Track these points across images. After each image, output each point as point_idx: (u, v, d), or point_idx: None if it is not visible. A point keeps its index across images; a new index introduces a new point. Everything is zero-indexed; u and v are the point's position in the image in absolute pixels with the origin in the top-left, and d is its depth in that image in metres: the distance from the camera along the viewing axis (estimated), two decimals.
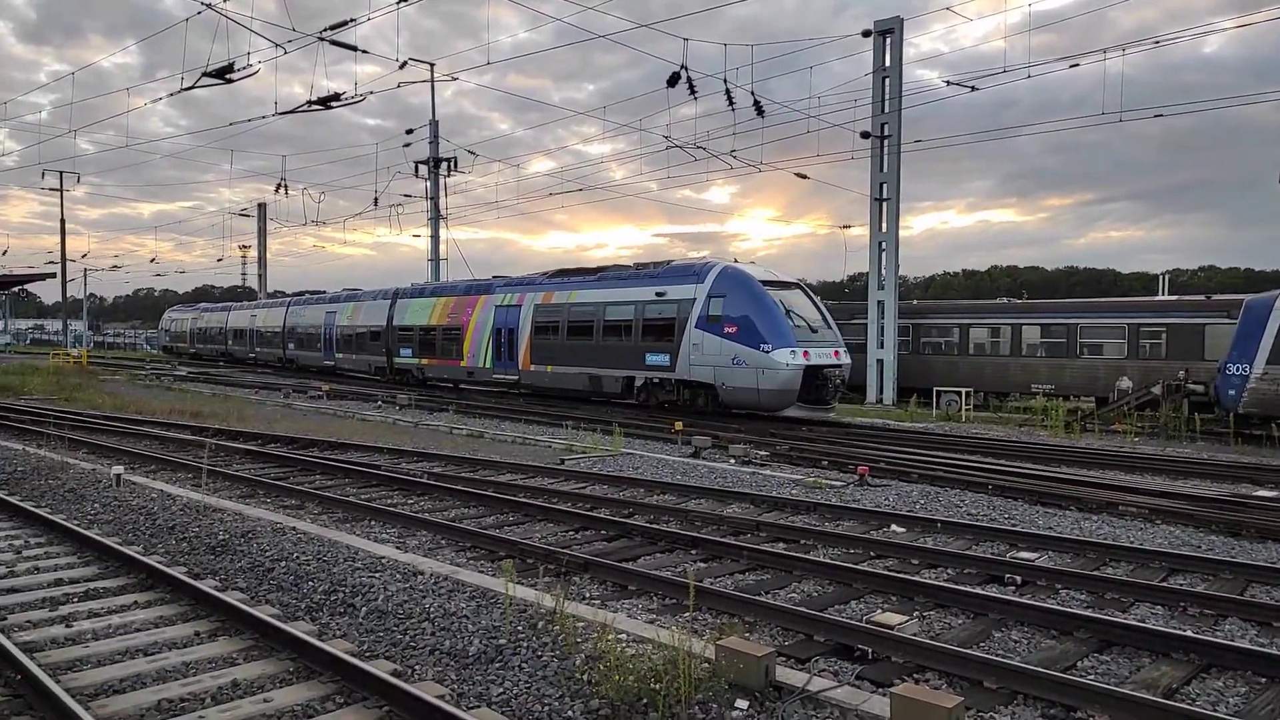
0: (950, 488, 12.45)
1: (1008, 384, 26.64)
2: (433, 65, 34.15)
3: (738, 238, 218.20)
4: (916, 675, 5.49)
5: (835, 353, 21.16)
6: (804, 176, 28.66)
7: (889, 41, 26.94)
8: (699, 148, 25.93)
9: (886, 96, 27.03)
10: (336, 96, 18.39)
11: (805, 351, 20.24)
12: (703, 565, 8.19)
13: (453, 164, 38.27)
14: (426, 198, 38.93)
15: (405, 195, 40.89)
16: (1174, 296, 31.77)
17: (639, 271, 24.19)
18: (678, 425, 18.01)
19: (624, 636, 5.61)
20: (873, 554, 8.64)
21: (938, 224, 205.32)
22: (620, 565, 7.71)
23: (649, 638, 5.60)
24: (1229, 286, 63.69)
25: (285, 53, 16.31)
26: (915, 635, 6.05)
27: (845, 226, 53.08)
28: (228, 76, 16.09)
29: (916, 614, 6.77)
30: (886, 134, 27.17)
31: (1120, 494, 11.65)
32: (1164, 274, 41.51)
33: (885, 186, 27.59)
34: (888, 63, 27.02)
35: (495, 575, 7.20)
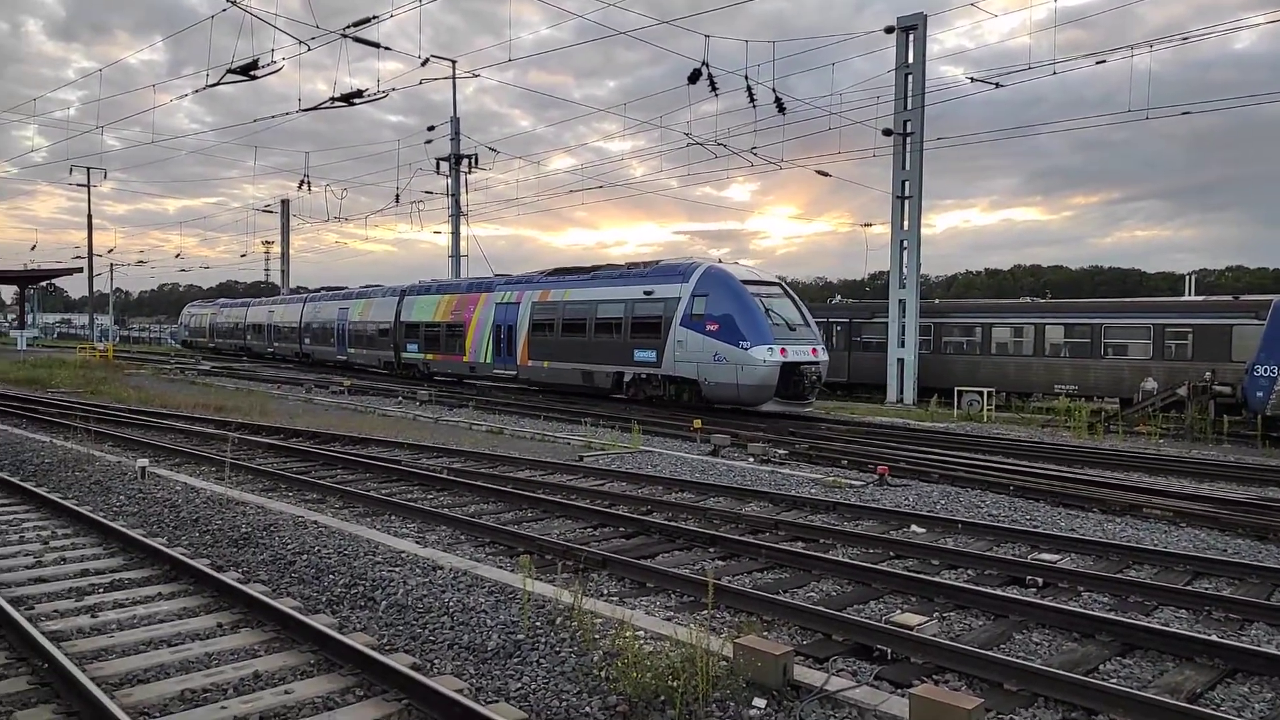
0: (971, 488, 12.36)
1: (1030, 384, 26.40)
2: (454, 62, 34.35)
3: (758, 235, 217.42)
4: (936, 676, 5.46)
5: (813, 350, 21.83)
6: (825, 174, 28.57)
7: (912, 38, 26.75)
8: (720, 145, 25.87)
9: (909, 93, 26.84)
10: (359, 93, 18.52)
11: (783, 349, 20.99)
12: (721, 563, 8.18)
13: (474, 161, 38.43)
14: (447, 194, 39.13)
15: (426, 192, 41.09)
16: (1201, 297, 31.35)
17: (629, 271, 24.93)
18: (697, 423, 18.00)
19: (642, 633, 5.62)
20: (892, 554, 8.60)
21: (960, 222, 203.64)
22: (638, 562, 7.72)
23: (667, 635, 5.60)
24: (1257, 287, 62.74)
25: (309, 49, 16.44)
26: (935, 636, 6.01)
27: (867, 224, 52.85)
28: (252, 73, 16.25)
29: (936, 615, 6.73)
30: (909, 131, 26.98)
31: (1144, 496, 11.51)
32: (1190, 274, 41.02)
33: (907, 184, 27.41)
34: (910, 59, 26.83)
35: (514, 571, 7.23)
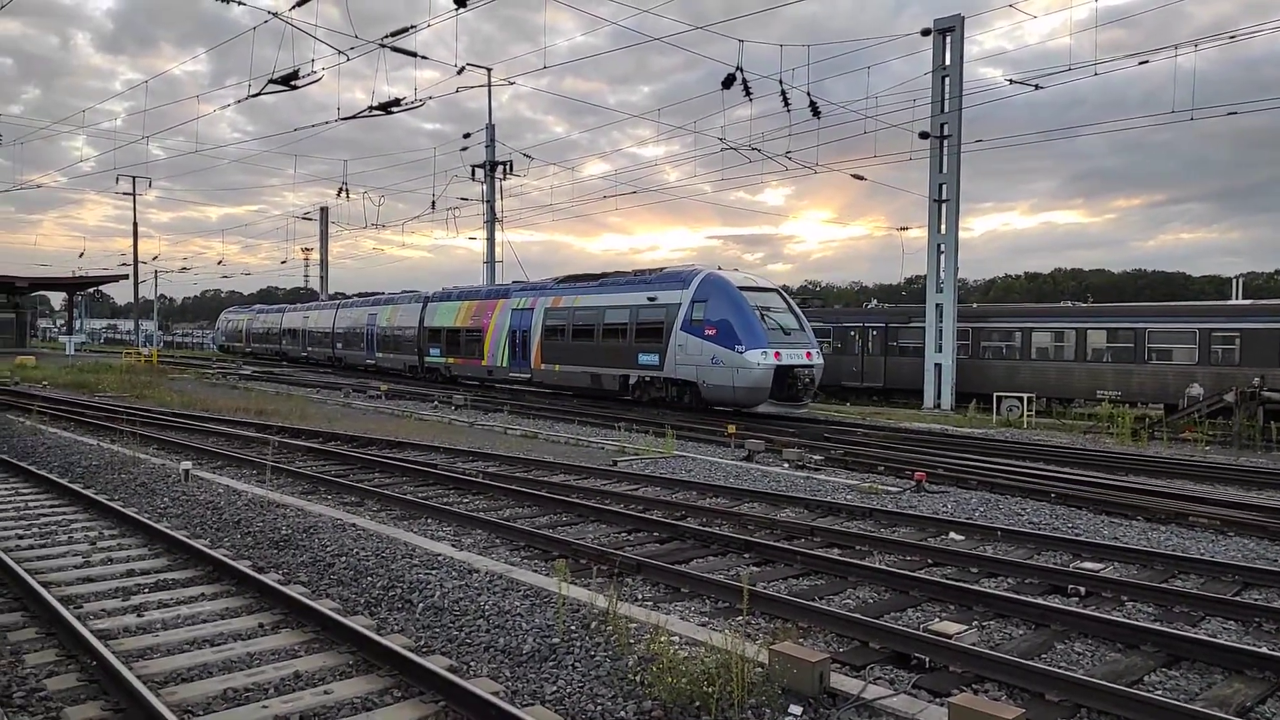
0: (1011, 495, 12.18)
1: (1072, 390, 25.96)
2: (490, 70, 34.63)
3: (792, 239, 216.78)
4: (975, 686, 5.39)
5: (807, 354, 22.53)
6: (861, 178, 28.35)
7: (949, 40, 26.49)
8: (753, 149, 25.82)
9: (946, 96, 26.58)
10: (397, 102, 18.77)
11: (777, 352, 21.75)
12: (756, 569, 8.14)
13: (509, 167, 38.72)
14: (483, 200, 39.46)
15: (462, 198, 41.48)
16: (1249, 300, 30.61)
17: (635, 278, 25.86)
18: (731, 429, 17.95)
19: (677, 639, 5.62)
20: (930, 561, 8.50)
21: (999, 225, 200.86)
22: (673, 567, 7.72)
23: (702, 640, 5.59)
24: None
25: (348, 59, 16.71)
26: (974, 645, 5.93)
27: (903, 228, 52.27)
28: (293, 83, 16.54)
29: (975, 623, 6.65)
30: (946, 134, 26.71)
31: (1190, 504, 11.26)
32: (1238, 277, 40.03)
33: (945, 187, 27.13)
34: (948, 61, 26.57)
35: (549, 574, 7.27)
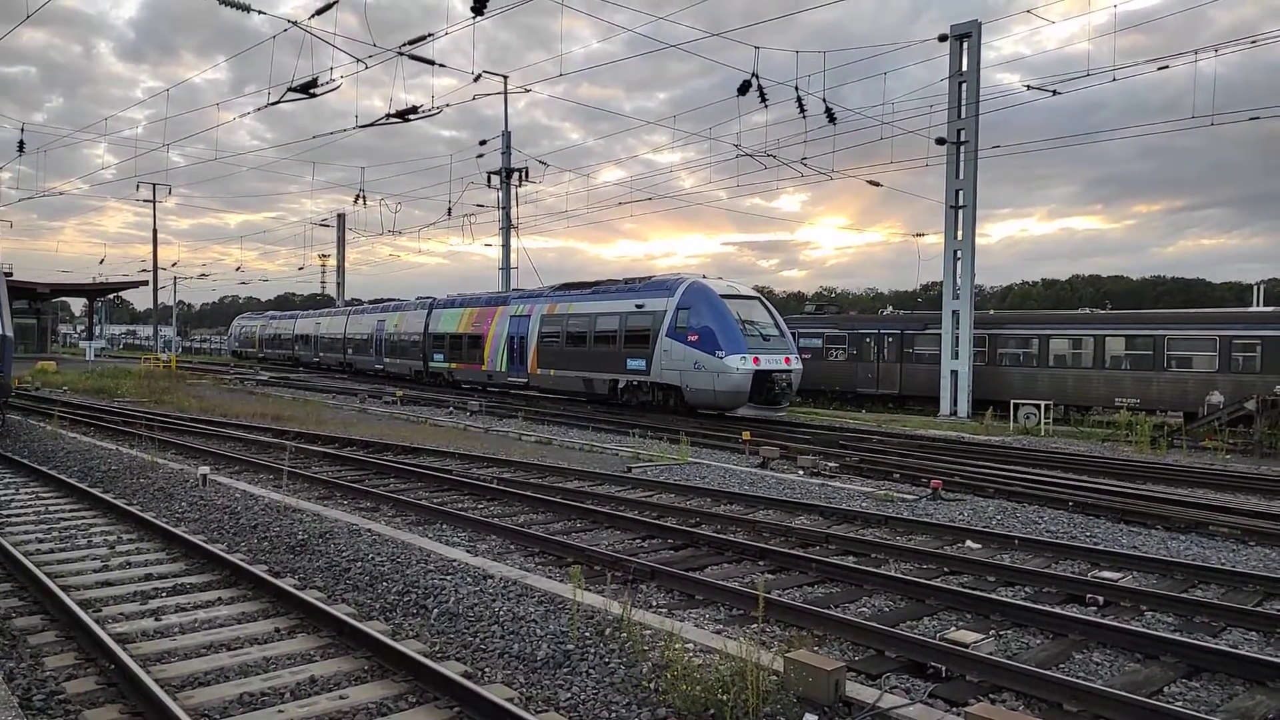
0: (1028, 503, 12.10)
1: (1090, 397, 25.76)
2: (506, 78, 34.92)
3: (808, 246, 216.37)
4: (992, 695, 5.35)
5: (786, 359, 23.59)
6: (876, 184, 28.27)
7: (966, 46, 26.40)
8: (769, 155, 25.79)
9: (963, 101, 26.48)
10: (414, 109, 18.88)
11: (756, 358, 22.74)
12: (771, 577, 8.12)
13: (524, 174, 38.86)
14: (498, 207, 39.63)
15: (478, 205, 41.58)
16: (1270, 308, 30.30)
17: (625, 286, 26.98)
18: (746, 435, 17.93)
19: (691, 646, 5.61)
20: (947, 570, 8.45)
21: (1017, 231, 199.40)
22: (687, 574, 7.71)
23: (716, 648, 5.58)
24: None
25: (366, 67, 16.82)
26: (991, 654, 5.89)
27: (919, 235, 51.99)
28: (311, 91, 16.67)
29: (993, 633, 6.60)
30: (963, 140, 26.61)
31: (1211, 513, 11.14)
32: (1259, 284, 39.48)
33: (961, 193, 27.02)
34: (965, 67, 26.48)
35: (563, 581, 7.27)
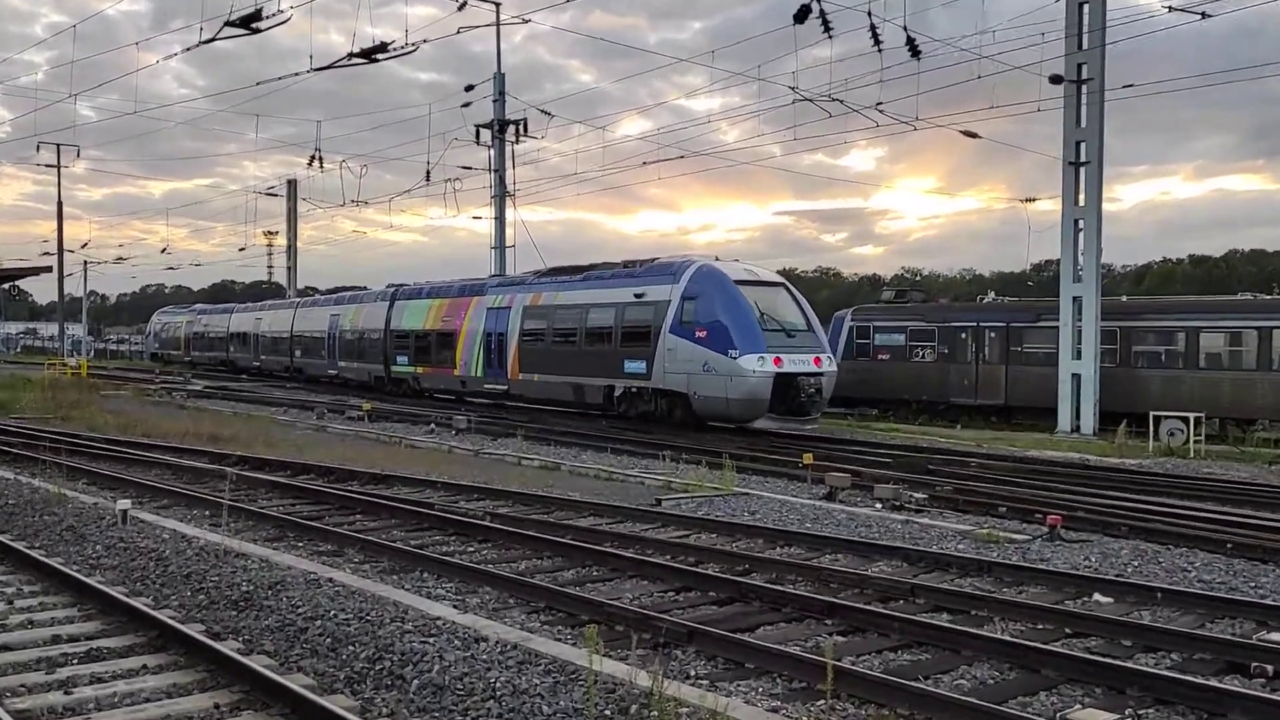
0: (1173, 545, 11.95)
1: (1254, 408, 25.40)
2: (499, 4, 34.96)
3: (885, 215, 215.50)
4: None
5: (815, 360, 23.96)
6: (973, 135, 28.13)
7: None
8: (835, 100, 25.74)
9: (1085, 29, 26.24)
10: (383, 47, 19.04)
11: (777, 358, 23.00)
12: (841, 639, 8.09)
13: (522, 127, 39.00)
14: (489, 170, 39.82)
15: (464, 167, 41.76)
16: None
17: (622, 271, 27.72)
18: (807, 458, 17.86)
19: None
20: (1068, 630, 8.38)
21: (1156, 195, 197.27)
22: (734, 636, 7.70)
23: None
24: None
25: None
26: None
27: (1028, 199, 51.32)
28: (254, 25, 16.87)
29: (1129, 711, 6.54)
30: (1085, 77, 26.37)
31: None
32: None
33: (1083, 146, 26.78)
34: None
35: (576, 645, 7.28)
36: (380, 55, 19.10)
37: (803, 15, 19.69)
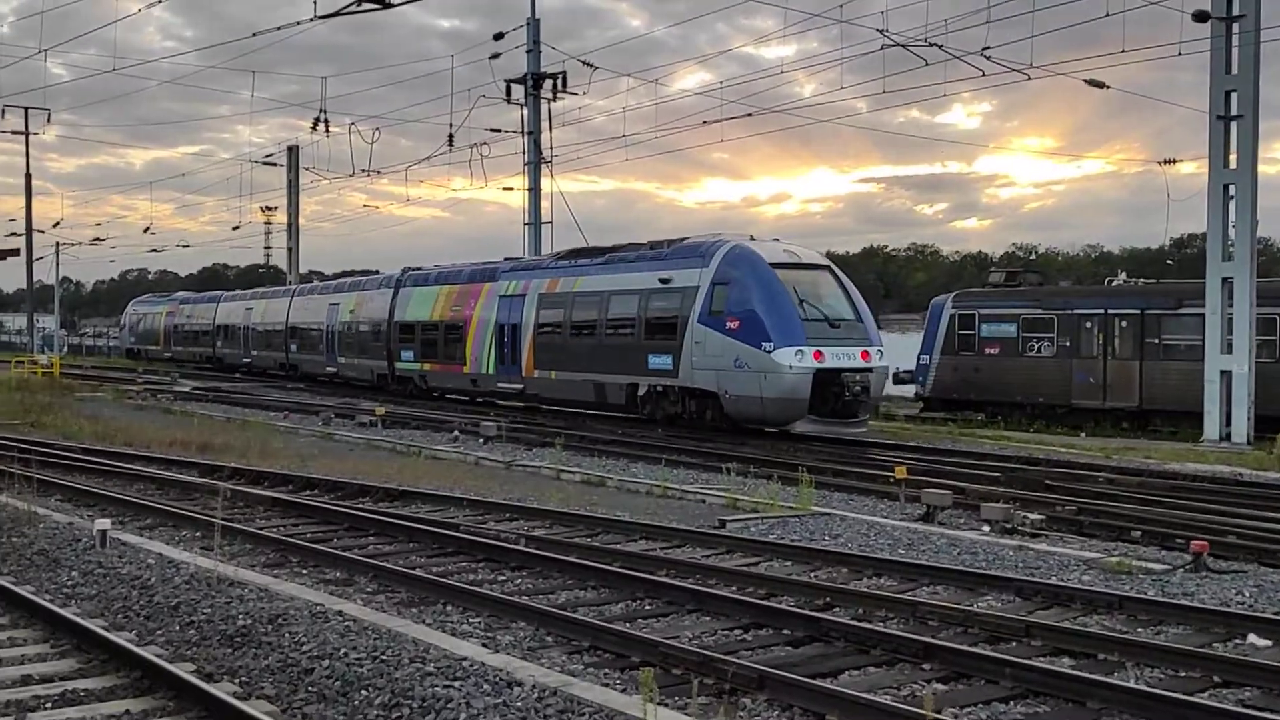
0: None
1: None
2: None
3: (993, 181, 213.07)
4: None
5: (863, 354, 24.44)
6: (1100, 85, 27.76)
7: None
8: (932, 45, 25.55)
9: None
10: None
11: (817, 352, 23.45)
12: (941, 687, 8.05)
13: (560, 82, 39.16)
14: (522, 133, 40.02)
15: (492, 130, 41.87)
16: None
17: (649, 253, 28.53)
18: (900, 472, 17.76)
19: None
20: (1216, 679, 8.25)
21: None
22: (813, 683, 7.68)
23: None
24: None
25: None
26: None
27: (1168, 162, 50.35)
28: None
29: None
30: (1238, 13, 25.90)
31: None
32: None
33: (1235, 97, 26.31)
34: None
35: (627, 691, 7.30)
36: (394, 0, 19.28)
37: None
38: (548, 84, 39.27)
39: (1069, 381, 30.86)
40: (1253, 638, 9.42)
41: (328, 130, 44.55)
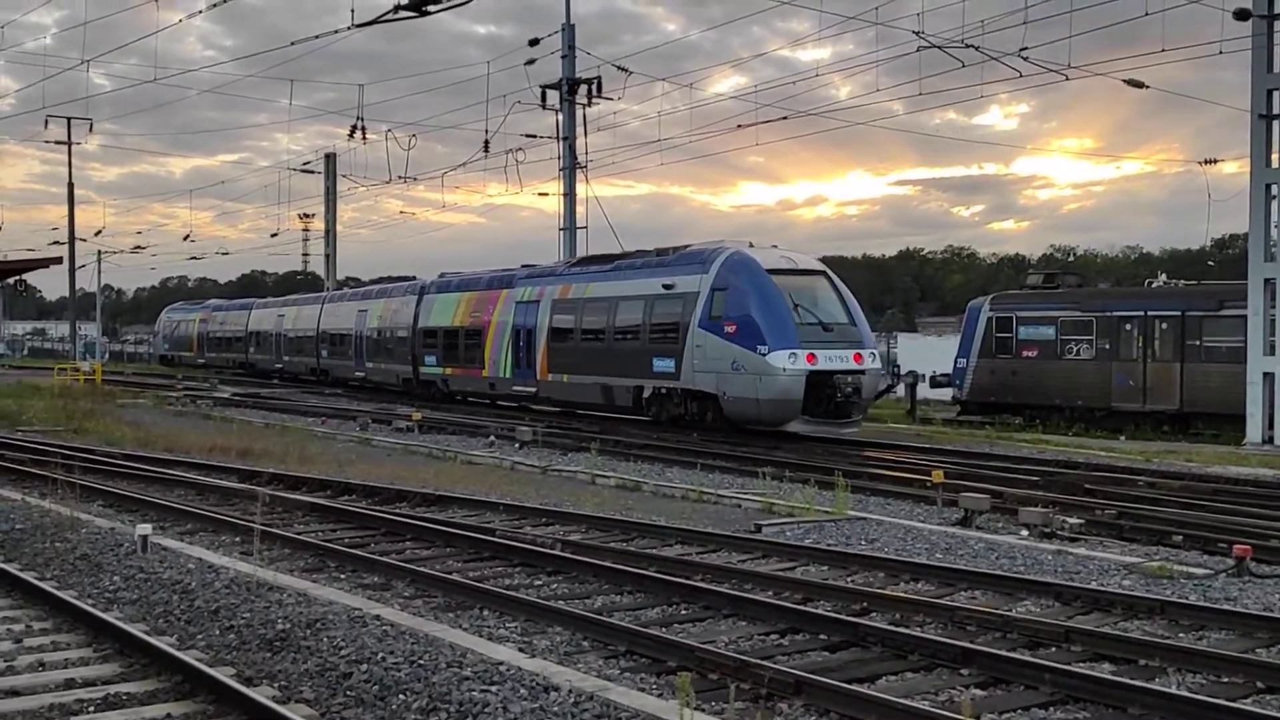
0: None
1: None
2: None
3: (1031, 182, 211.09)
4: None
5: (856, 356, 25.29)
6: (1139, 85, 27.55)
7: None
8: (969, 47, 25.43)
9: None
10: None
11: (810, 354, 24.30)
12: (980, 693, 8.02)
13: (595, 87, 39.20)
14: (557, 138, 40.13)
15: (528, 135, 42.12)
16: None
17: (655, 259, 29.51)
18: (937, 476, 17.69)
19: None
20: (1260, 685, 8.17)
21: None
22: (850, 688, 7.66)
23: None
24: None
25: None
26: None
27: (1209, 162, 49.89)
28: None
29: None
30: (1279, 12, 25.64)
31: None
32: None
33: (1277, 96, 26.07)
34: None
35: (663, 696, 7.31)
36: (431, 7, 19.35)
37: None
38: (583, 89, 39.33)
39: (1108, 384, 30.64)
40: None
41: (365, 137, 44.94)
